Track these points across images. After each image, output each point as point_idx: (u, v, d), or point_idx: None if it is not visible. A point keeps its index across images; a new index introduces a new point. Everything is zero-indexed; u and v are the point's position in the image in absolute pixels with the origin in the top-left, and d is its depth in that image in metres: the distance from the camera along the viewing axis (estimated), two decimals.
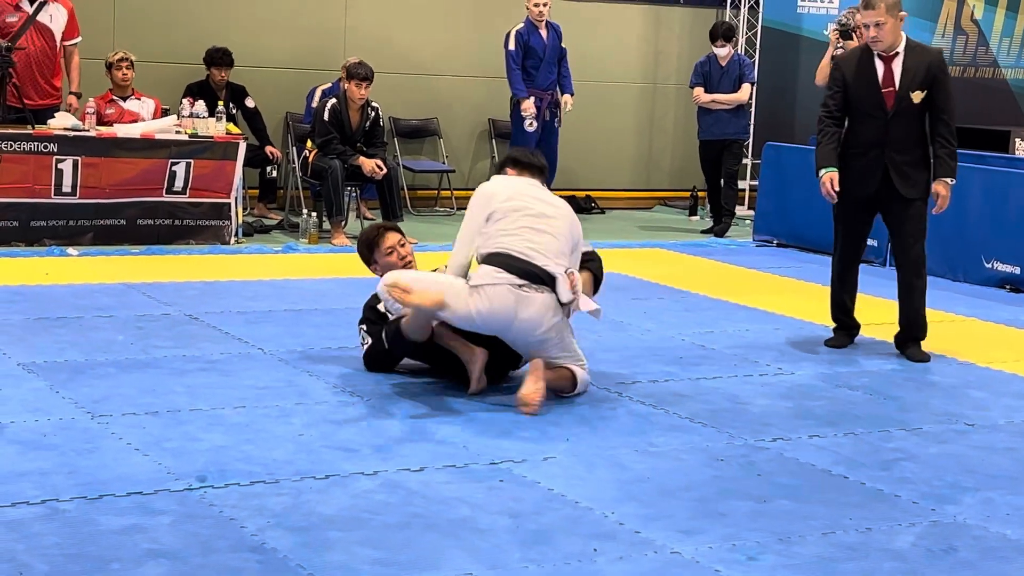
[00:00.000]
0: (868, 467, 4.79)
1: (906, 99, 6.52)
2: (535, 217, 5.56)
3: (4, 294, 7.16)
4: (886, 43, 6.52)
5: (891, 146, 6.58)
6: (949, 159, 6.52)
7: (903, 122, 6.56)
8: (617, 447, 4.89)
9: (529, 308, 5.38)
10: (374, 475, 4.41)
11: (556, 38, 11.61)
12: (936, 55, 6.67)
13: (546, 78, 11.57)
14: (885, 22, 6.46)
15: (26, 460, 4.36)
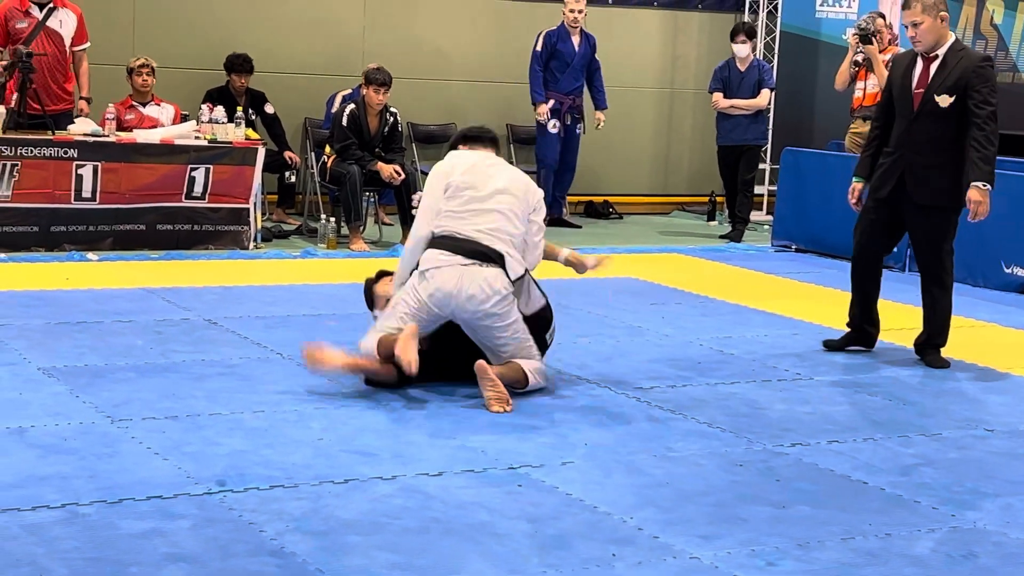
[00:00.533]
0: (887, 472, 4.77)
1: (931, 102, 6.45)
2: (483, 198, 5.63)
3: (24, 299, 7.19)
4: (926, 43, 6.45)
5: (911, 148, 6.52)
6: (982, 163, 6.32)
7: (926, 124, 6.48)
8: (635, 452, 4.88)
9: (474, 281, 5.44)
10: (393, 480, 4.41)
11: (588, 47, 11.65)
12: (975, 60, 6.49)
13: (570, 84, 11.62)
14: (922, 22, 6.40)
15: (46, 464, 4.38)
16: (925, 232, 6.62)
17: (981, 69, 6.43)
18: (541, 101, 11.58)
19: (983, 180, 6.33)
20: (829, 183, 10.38)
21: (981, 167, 6.33)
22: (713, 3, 13.43)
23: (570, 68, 11.63)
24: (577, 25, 11.60)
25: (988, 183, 6.34)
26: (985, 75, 6.43)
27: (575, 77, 11.67)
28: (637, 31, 13.11)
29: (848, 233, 10.09)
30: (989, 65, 6.55)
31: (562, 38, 11.63)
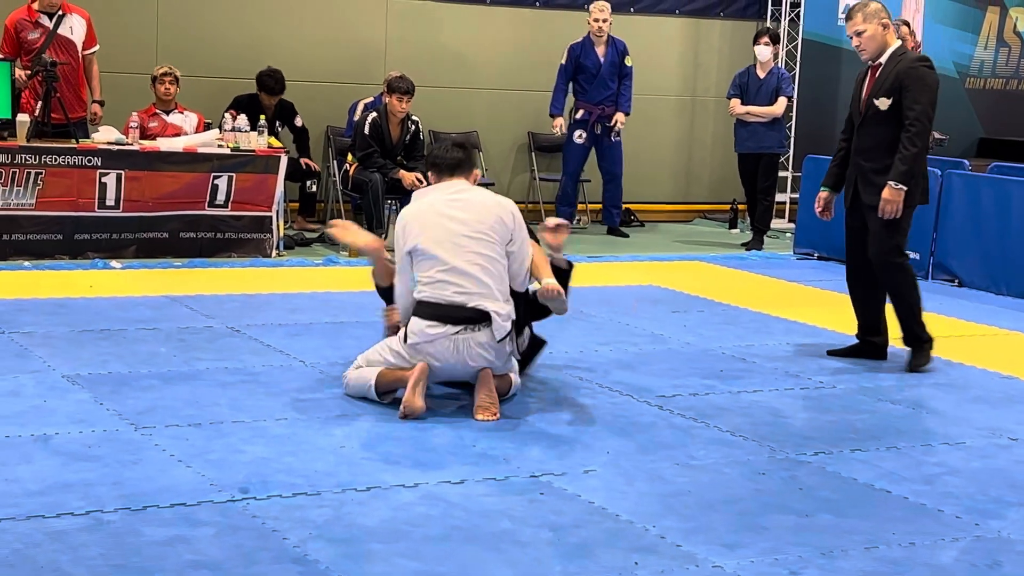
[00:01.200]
0: (911, 481, 4.76)
1: (872, 106, 6.54)
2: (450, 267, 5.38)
3: (48, 306, 7.22)
4: (870, 51, 6.56)
5: (860, 154, 6.64)
6: (900, 163, 6.42)
7: (871, 129, 6.57)
8: (658, 460, 4.88)
9: (471, 350, 5.36)
10: (415, 487, 4.42)
11: (616, 55, 11.66)
12: (909, 61, 6.52)
13: (599, 93, 11.64)
14: (864, 30, 6.51)
15: (71, 471, 4.40)
16: (876, 231, 6.63)
17: (913, 70, 6.47)
18: (557, 115, 11.67)
19: (897, 180, 6.42)
20: None
21: (898, 167, 6.42)
22: (735, 11, 13.42)
23: (597, 78, 11.64)
24: (602, 34, 11.62)
25: (903, 184, 6.42)
26: (917, 75, 6.46)
27: (604, 87, 11.67)
28: (659, 39, 13.11)
29: None
30: (924, 66, 6.53)
31: (586, 50, 11.65)
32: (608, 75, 11.67)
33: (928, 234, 9.73)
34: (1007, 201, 9.29)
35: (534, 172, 12.57)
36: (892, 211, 6.45)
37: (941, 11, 13.64)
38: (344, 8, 11.76)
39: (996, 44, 14.09)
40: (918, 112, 6.42)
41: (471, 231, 5.47)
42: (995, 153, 13.22)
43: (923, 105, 6.42)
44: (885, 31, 6.53)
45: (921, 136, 6.45)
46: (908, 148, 6.42)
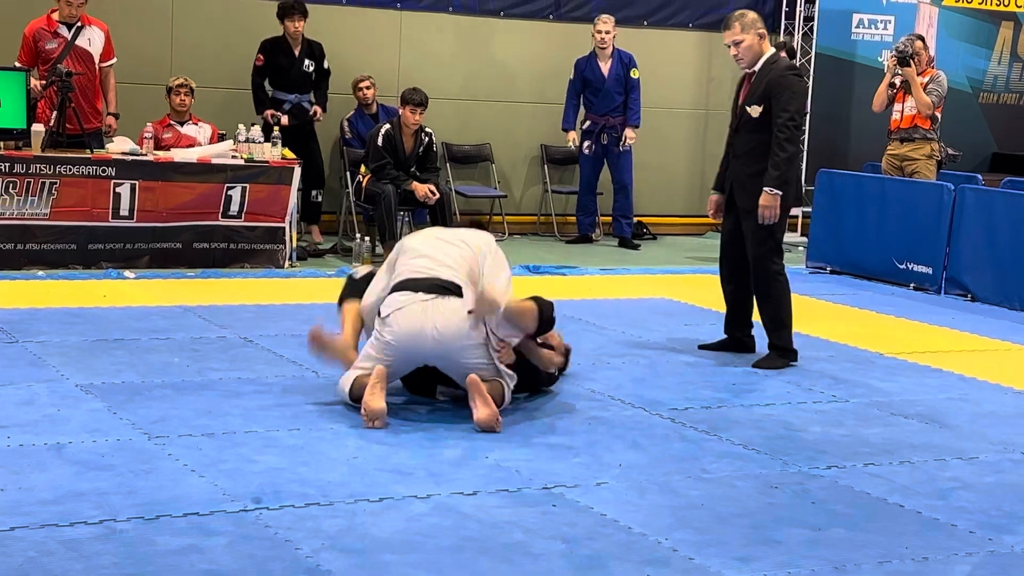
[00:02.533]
0: (924, 496, 4.75)
1: (745, 113, 6.75)
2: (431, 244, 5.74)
3: (62, 316, 7.24)
4: (747, 60, 6.76)
5: (736, 158, 6.87)
6: (772, 168, 6.60)
7: (744, 136, 6.80)
8: (670, 473, 4.88)
9: (441, 315, 5.41)
10: (427, 498, 4.42)
11: (621, 67, 11.70)
12: (780, 70, 6.70)
13: (604, 105, 11.70)
14: (742, 40, 6.71)
15: (84, 480, 4.41)
16: (750, 234, 6.81)
17: (783, 77, 6.66)
18: (569, 129, 11.76)
19: (772, 186, 6.61)
20: (864, 205, 10.36)
21: (771, 173, 6.62)
22: None
23: (603, 91, 11.70)
24: (606, 46, 11.67)
25: (777, 188, 6.61)
26: (786, 83, 6.66)
27: (609, 99, 11.73)
28: (672, 52, 13.11)
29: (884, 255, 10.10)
30: (793, 74, 6.73)
31: (591, 63, 11.73)
32: (613, 87, 11.72)
33: (941, 249, 9.72)
34: (1020, 216, 9.27)
35: (547, 184, 12.58)
36: (771, 216, 6.67)
37: (955, 26, 13.63)
38: (357, 21, 11.78)
39: (1010, 59, 14.08)
40: (786, 119, 6.61)
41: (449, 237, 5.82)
42: (1008, 168, 13.20)
43: (791, 112, 6.62)
44: (761, 40, 6.74)
45: (791, 141, 6.65)
46: (779, 153, 6.62)
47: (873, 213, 10.25)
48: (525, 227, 12.58)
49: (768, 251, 6.83)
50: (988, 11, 13.78)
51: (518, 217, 12.58)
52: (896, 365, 7.09)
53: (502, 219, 12.28)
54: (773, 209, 6.67)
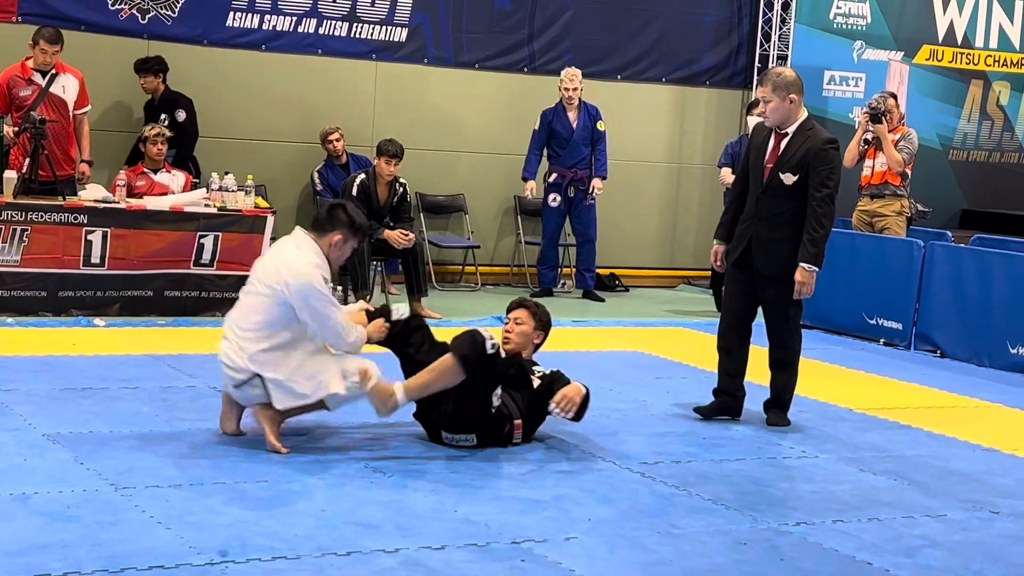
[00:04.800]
0: (892, 554, 4.75)
1: (776, 178, 6.63)
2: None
3: (31, 364, 7.20)
4: (772, 120, 6.67)
5: (759, 219, 6.72)
6: (810, 245, 6.53)
7: (772, 200, 6.66)
8: (639, 528, 4.87)
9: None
10: (395, 552, 4.40)
11: (588, 119, 11.76)
12: (819, 141, 6.60)
13: (572, 157, 11.75)
14: (770, 100, 6.61)
15: (50, 532, 4.37)
16: (770, 300, 6.77)
17: (823, 151, 6.56)
18: (528, 178, 11.78)
19: (809, 262, 6.55)
20: (835, 260, 10.40)
21: (809, 249, 6.54)
22: (721, 80, 13.54)
23: (570, 143, 11.75)
24: (573, 101, 11.73)
25: (815, 265, 6.56)
26: (827, 157, 6.57)
27: (576, 151, 11.78)
28: (645, 106, 13.20)
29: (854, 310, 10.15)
30: (833, 148, 6.64)
31: (558, 115, 11.78)
32: (581, 140, 11.77)
33: (911, 305, 9.78)
34: (989, 273, 9.35)
35: (520, 235, 12.62)
36: (808, 292, 6.61)
37: (925, 84, 13.79)
38: (333, 71, 11.83)
39: (979, 117, 14.24)
40: (826, 194, 6.54)
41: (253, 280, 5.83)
42: (978, 225, 13.34)
43: (831, 189, 6.55)
44: (792, 106, 6.60)
45: (828, 217, 6.58)
46: (818, 230, 6.54)
47: (844, 268, 10.31)
48: (498, 277, 12.61)
49: (792, 323, 6.79)
50: (958, 69, 13.95)
51: (491, 267, 12.61)
52: (866, 421, 7.11)
53: (475, 269, 12.30)
54: (810, 286, 6.60)
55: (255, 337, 5.65)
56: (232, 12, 11.35)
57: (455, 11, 12.23)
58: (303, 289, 5.60)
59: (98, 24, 10.83)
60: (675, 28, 13.20)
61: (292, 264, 5.68)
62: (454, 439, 5.86)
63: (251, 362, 5.63)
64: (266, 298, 5.67)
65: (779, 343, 6.83)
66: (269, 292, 5.67)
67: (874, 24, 13.48)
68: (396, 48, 12.05)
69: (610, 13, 12.86)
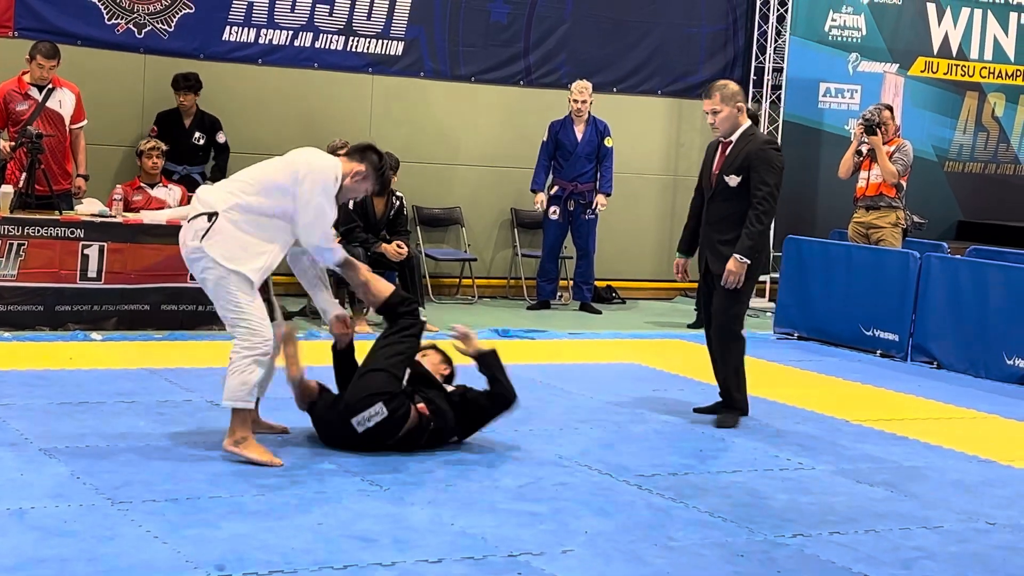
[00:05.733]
0: (889, 565, 4.76)
1: (722, 182, 6.97)
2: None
3: (27, 378, 7.20)
4: (723, 130, 6.99)
5: (710, 225, 7.08)
6: (746, 238, 6.85)
7: (721, 203, 7.01)
8: (636, 541, 4.87)
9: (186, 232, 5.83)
10: (392, 566, 4.40)
11: (595, 134, 11.77)
12: (759, 142, 6.99)
13: (574, 171, 11.76)
14: (720, 110, 6.93)
15: (46, 547, 4.37)
16: (720, 299, 7.03)
17: (763, 152, 6.92)
18: (537, 190, 11.80)
19: (742, 254, 6.85)
20: (831, 272, 10.44)
21: (744, 242, 6.87)
22: None
23: (573, 156, 11.77)
24: (582, 114, 11.76)
25: (747, 257, 6.85)
26: (767, 157, 6.92)
27: (580, 165, 11.79)
28: (642, 118, 13.22)
29: (850, 322, 10.16)
30: (773, 149, 7.01)
31: (565, 127, 11.80)
32: (585, 154, 11.79)
33: (907, 316, 9.80)
34: (985, 284, 9.36)
35: (517, 248, 12.63)
36: (735, 281, 6.88)
37: (921, 96, 13.82)
38: (329, 84, 11.85)
39: (975, 128, 14.26)
40: (766, 192, 6.87)
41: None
42: (974, 236, 13.36)
43: (771, 186, 6.88)
44: (739, 113, 6.95)
45: (768, 214, 6.90)
46: (755, 225, 6.87)
47: (840, 280, 10.33)
48: (495, 290, 12.61)
49: (734, 316, 7.05)
50: (953, 81, 13.98)
51: (488, 280, 12.61)
52: (862, 432, 7.12)
53: (472, 282, 12.31)
54: (739, 275, 6.87)
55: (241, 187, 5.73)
56: (228, 26, 11.38)
57: (451, 24, 12.26)
58: (317, 176, 5.72)
59: (95, 39, 10.85)
60: (671, 41, 13.23)
61: (315, 159, 5.81)
62: (367, 418, 5.82)
63: (219, 201, 5.70)
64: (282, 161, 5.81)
65: (722, 339, 7.10)
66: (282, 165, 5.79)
67: (869, 36, 13.51)
68: (392, 61, 12.07)
69: (606, 26, 12.89)
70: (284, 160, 5.85)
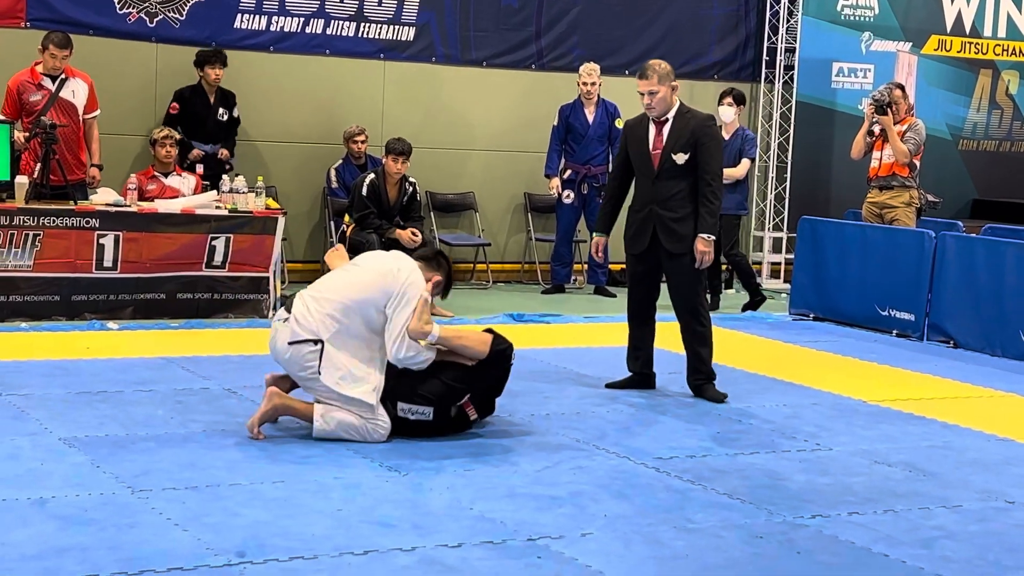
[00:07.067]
0: (908, 545, 4.75)
1: (669, 160, 7.01)
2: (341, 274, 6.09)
3: (45, 368, 7.22)
4: (658, 110, 7.05)
5: (659, 204, 7.08)
6: (708, 216, 6.97)
7: (667, 182, 7.05)
8: (655, 523, 4.87)
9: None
10: (412, 551, 4.41)
11: (606, 116, 11.74)
12: (702, 119, 7.08)
13: (586, 154, 11.74)
14: (657, 91, 7.00)
15: (67, 535, 4.39)
16: (679, 276, 7.16)
17: (708, 128, 7.06)
18: (551, 175, 11.77)
19: (708, 232, 6.98)
20: (846, 252, 10.41)
21: (707, 220, 6.98)
22: (730, 73, 13.52)
23: (585, 139, 11.75)
24: (592, 96, 11.74)
25: (712, 234, 7.00)
26: (713, 133, 7.09)
27: (592, 147, 11.78)
28: None
29: (866, 302, 10.14)
30: (714, 124, 7.16)
31: (575, 111, 11.78)
32: (597, 136, 11.76)
33: (923, 296, 9.77)
34: (1001, 263, 9.33)
35: (530, 232, 12.62)
36: (709, 259, 7.03)
37: (934, 74, 13.77)
38: (341, 71, 11.85)
39: (989, 106, 14.21)
40: (717, 168, 7.02)
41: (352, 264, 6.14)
42: (989, 215, 13.32)
43: (719, 161, 7.06)
44: (673, 92, 7.06)
45: (721, 189, 7.07)
46: (712, 201, 6.99)
47: (855, 260, 10.30)
48: (509, 275, 12.61)
49: (701, 291, 7.27)
50: (967, 59, 13.93)
51: (502, 265, 12.61)
52: (879, 412, 7.11)
53: (486, 267, 12.31)
54: (710, 253, 7.02)
55: (339, 309, 5.80)
56: (240, 14, 11.38)
57: (462, 9, 12.24)
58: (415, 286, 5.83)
59: (106, 28, 10.86)
60: (683, 22, 13.19)
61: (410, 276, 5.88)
62: (411, 411, 5.90)
63: (322, 327, 5.77)
64: (373, 275, 5.88)
65: (695, 316, 7.22)
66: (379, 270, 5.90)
67: (882, 15, 13.46)
68: (404, 47, 12.06)
69: (617, 8, 12.86)
70: (376, 272, 5.92)
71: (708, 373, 7.27)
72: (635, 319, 7.41)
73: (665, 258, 7.14)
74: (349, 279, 5.94)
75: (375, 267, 5.98)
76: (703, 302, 7.29)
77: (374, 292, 5.83)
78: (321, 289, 5.94)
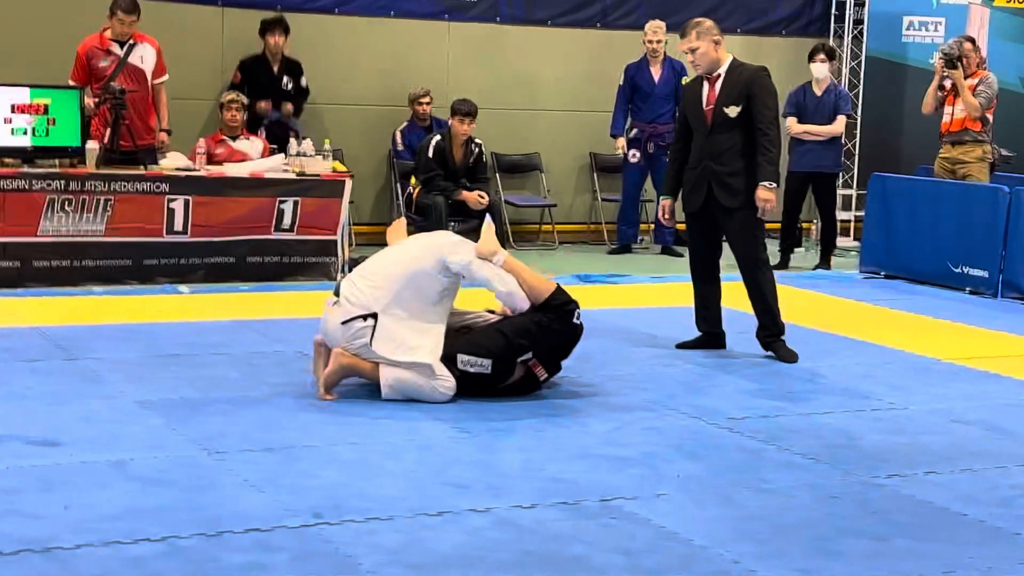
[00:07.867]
0: (987, 504, 4.70)
1: (721, 114, 7.00)
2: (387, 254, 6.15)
3: (119, 332, 7.30)
4: (704, 66, 7.05)
5: (712, 159, 7.06)
6: (767, 164, 6.91)
7: (721, 136, 7.03)
8: (729, 484, 4.85)
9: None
10: (486, 512, 4.42)
11: (672, 75, 11.64)
12: (754, 72, 7.03)
13: (652, 112, 11.65)
14: (697, 47, 7.02)
15: (146, 497, 4.44)
16: (737, 231, 7.12)
17: (761, 79, 7.00)
18: (617, 135, 11.69)
19: (769, 179, 6.92)
20: (918, 209, 10.29)
21: (766, 168, 6.92)
22: (797, 28, 13.37)
23: (651, 97, 11.65)
24: (658, 55, 11.64)
25: (774, 182, 6.92)
26: (765, 84, 7.01)
27: (657, 106, 11.69)
28: None
29: (939, 259, 10.02)
30: (766, 75, 7.04)
31: (641, 69, 11.68)
32: (662, 95, 11.66)
33: (997, 252, 9.63)
34: None
35: (596, 192, 12.58)
36: (772, 207, 6.98)
37: (1006, 27, 13.52)
38: (406, 32, 11.83)
39: None
40: (771, 117, 6.96)
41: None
42: None
43: (773, 110, 6.98)
44: (717, 47, 7.03)
45: (778, 138, 6.99)
46: (771, 149, 6.93)
47: (927, 217, 10.17)
48: (575, 236, 12.58)
49: (760, 245, 7.18)
50: None
51: (568, 226, 12.58)
52: (954, 371, 7.03)
53: (552, 228, 12.29)
54: (773, 202, 6.96)
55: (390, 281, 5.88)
56: None
57: None
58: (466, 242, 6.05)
59: None
60: None
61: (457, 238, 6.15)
62: (470, 363, 5.92)
63: (374, 301, 5.83)
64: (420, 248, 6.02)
65: (757, 270, 7.16)
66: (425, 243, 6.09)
67: None
68: (468, 7, 12.03)
69: None
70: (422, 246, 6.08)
71: (776, 329, 7.20)
72: (699, 278, 7.38)
73: (721, 214, 7.09)
74: (396, 256, 6.04)
75: (423, 241, 6.18)
76: (763, 256, 7.22)
77: (424, 260, 5.91)
78: (368, 268, 6.03)
